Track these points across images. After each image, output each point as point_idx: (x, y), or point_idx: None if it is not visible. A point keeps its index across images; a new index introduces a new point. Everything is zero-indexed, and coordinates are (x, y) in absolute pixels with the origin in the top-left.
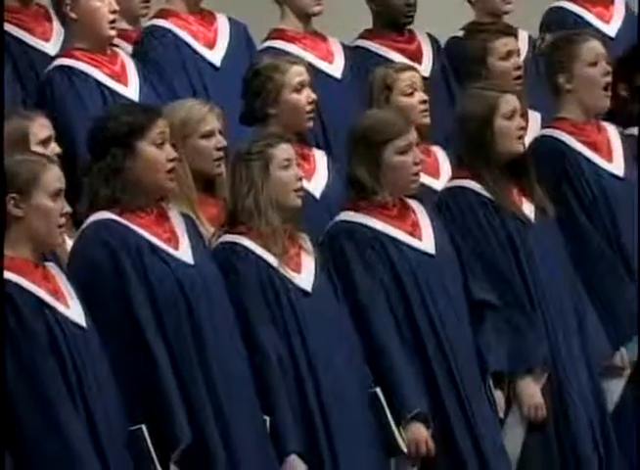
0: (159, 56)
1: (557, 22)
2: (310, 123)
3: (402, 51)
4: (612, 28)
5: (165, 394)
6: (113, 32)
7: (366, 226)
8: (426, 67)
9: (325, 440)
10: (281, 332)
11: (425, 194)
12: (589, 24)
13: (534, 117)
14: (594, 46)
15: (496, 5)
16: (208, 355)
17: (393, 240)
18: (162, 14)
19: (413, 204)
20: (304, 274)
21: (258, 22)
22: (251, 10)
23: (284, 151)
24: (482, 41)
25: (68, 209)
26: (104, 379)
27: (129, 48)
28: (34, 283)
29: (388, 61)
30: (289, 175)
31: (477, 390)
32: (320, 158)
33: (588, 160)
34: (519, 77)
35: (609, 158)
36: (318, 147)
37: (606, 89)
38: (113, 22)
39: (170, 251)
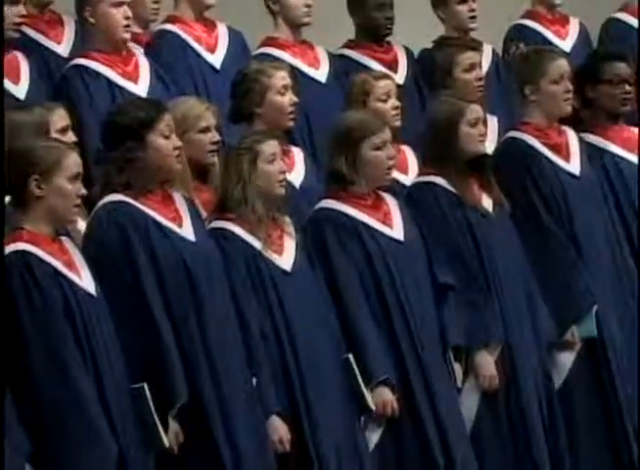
0: (167, 57)
1: (519, 37)
2: (291, 123)
3: (380, 60)
4: (567, 44)
5: (166, 355)
6: (126, 36)
7: (344, 214)
8: (401, 75)
9: (302, 401)
10: (264, 307)
11: (395, 188)
12: (547, 41)
13: (492, 121)
14: (560, 65)
15: (464, 22)
16: (206, 321)
17: (368, 227)
18: (171, 19)
19: (386, 196)
20: (285, 256)
21: (254, 30)
22: (247, 20)
23: (270, 146)
24: (449, 54)
25: (83, 191)
26: (110, 341)
27: (140, 50)
28: (51, 255)
29: (367, 68)
30: (274, 168)
31: (437, 361)
32: (298, 153)
33: (549, 159)
34: (479, 86)
35: (567, 158)
36: (304, 143)
37: (566, 100)
38: (126, 26)
39: (175, 229)
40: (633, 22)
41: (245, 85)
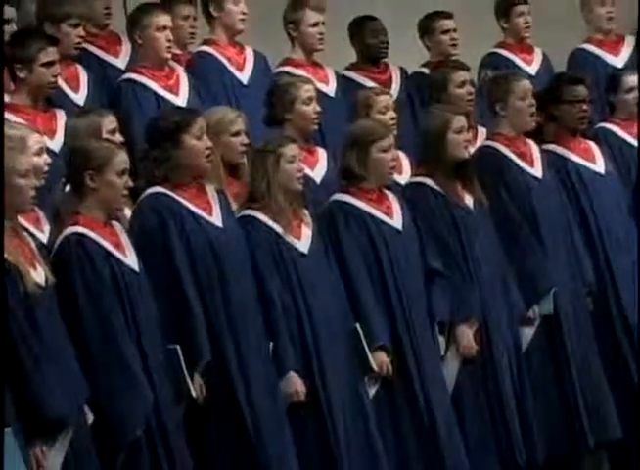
0: (204, 73)
1: (492, 63)
2: (315, 127)
3: (375, 80)
4: (532, 69)
5: (193, 322)
6: (168, 55)
7: (353, 205)
8: (394, 92)
9: (317, 363)
10: (285, 283)
11: (392, 186)
12: (516, 66)
13: (482, 132)
14: (524, 84)
15: (447, 49)
16: (229, 294)
17: (372, 217)
18: (207, 42)
19: (388, 192)
20: (303, 240)
21: (274, 52)
22: (269, 43)
23: (291, 149)
24: (444, 73)
25: (130, 184)
26: (150, 311)
27: (179, 68)
28: (103, 237)
29: (365, 87)
30: (294, 168)
31: (425, 332)
32: (322, 153)
33: (516, 165)
34: (470, 100)
35: (531, 164)
36: (317, 146)
37: (532, 115)
38: (169, 48)
39: (205, 216)
40: (597, 51)
41: (277, 95)
